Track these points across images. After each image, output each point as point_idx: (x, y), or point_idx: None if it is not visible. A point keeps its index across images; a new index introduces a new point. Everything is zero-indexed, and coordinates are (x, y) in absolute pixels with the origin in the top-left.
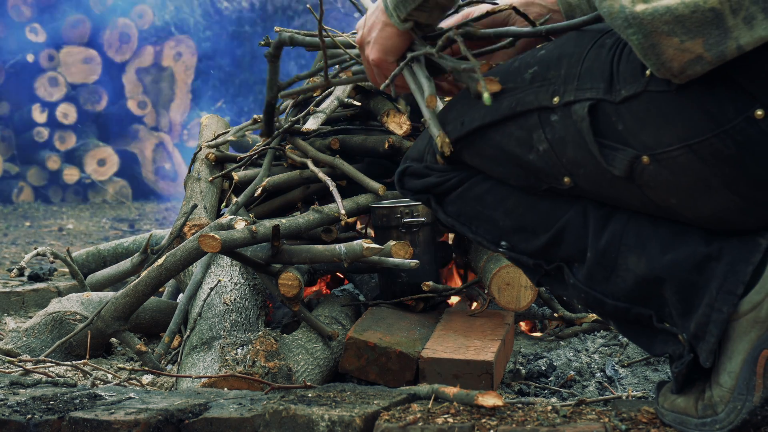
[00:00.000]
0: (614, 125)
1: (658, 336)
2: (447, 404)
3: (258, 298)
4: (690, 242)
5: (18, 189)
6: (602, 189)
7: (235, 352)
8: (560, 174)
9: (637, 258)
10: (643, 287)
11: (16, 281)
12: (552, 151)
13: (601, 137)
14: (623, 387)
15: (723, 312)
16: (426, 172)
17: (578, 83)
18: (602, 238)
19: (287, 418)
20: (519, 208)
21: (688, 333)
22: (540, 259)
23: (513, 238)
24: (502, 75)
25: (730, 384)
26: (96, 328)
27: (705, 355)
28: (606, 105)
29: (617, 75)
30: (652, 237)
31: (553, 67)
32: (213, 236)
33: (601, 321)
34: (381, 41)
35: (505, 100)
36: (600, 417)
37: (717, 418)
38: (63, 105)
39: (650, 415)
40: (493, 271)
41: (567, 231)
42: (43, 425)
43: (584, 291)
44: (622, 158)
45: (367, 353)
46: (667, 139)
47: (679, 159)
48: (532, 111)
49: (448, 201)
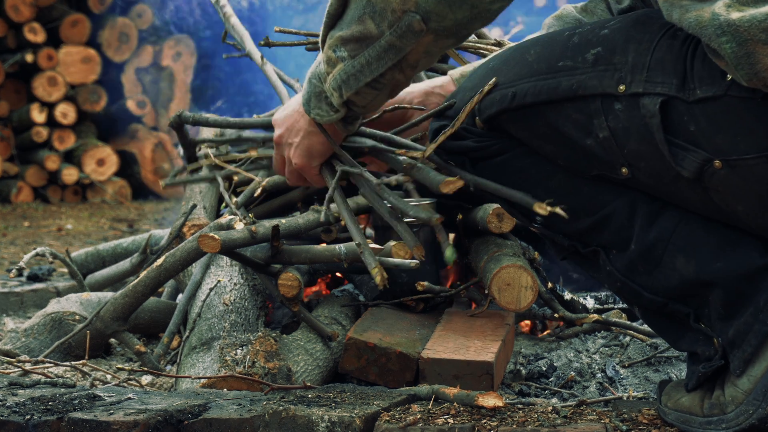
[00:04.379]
0: (686, 125)
1: (688, 333)
2: (447, 405)
3: (258, 298)
4: (745, 251)
5: (17, 189)
6: (662, 185)
7: (234, 353)
8: (618, 164)
9: (685, 260)
10: (688, 288)
11: (15, 281)
12: (613, 139)
13: (670, 135)
14: (624, 388)
15: (766, 324)
16: (462, 134)
17: (648, 75)
18: (650, 233)
19: (287, 419)
20: (563, 188)
21: (725, 338)
22: (577, 241)
23: (551, 217)
24: (559, 48)
25: (747, 387)
26: (95, 329)
27: (737, 362)
28: (678, 103)
29: (692, 72)
30: (704, 241)
31: (619, 52)
32: (212, 236)
33: (601, 322)
34: (307, 148)
35: (564, 78)
36: (601, 418)
37: (725, 417)
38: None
39: (651, 415)
40: (494, 271)
41: (612, 219)
42: (42, 426)
43: (621, 280)
44: (693, 159)
45: (367, 354)
46: (744, 146)
47: (755, 168)
48: (594, 96)
49: (485, 167)
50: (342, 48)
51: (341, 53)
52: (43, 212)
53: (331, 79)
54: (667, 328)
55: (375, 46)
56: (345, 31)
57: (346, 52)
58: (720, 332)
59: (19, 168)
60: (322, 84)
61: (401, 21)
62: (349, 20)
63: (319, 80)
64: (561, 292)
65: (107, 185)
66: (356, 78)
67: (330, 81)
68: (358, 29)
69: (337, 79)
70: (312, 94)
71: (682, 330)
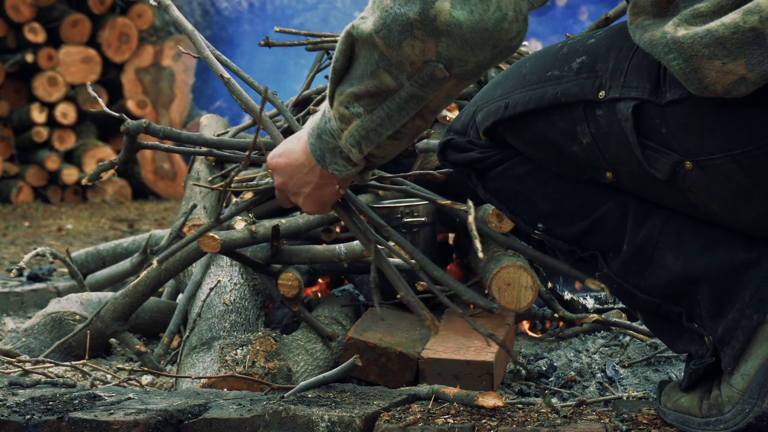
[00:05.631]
0: (658, 127)
1: (684, 334)
2: (447, 405)
3: (258, 298)
4: (730, 247)
5: (17, 189)
6: (644, 187)
7: (234, 353)
8: (602, 168)
9: (674, 257)
10: (677, 286)
11: (15, 281)
12: (595, 145)
13: (644, 138)
14: (624, 387)
15: (753, 320)
16: (468, 146)
17: (625, 80)
18: (640, 232)
19: (287, 419)
20: (558, 193)
21: (715, 336)
22: (575, 245)
23: (550, 222)
24: (550, 59)
25: (741, 386)
26: (95, 329)
27: (728, 359)
28: (650, 106)
29: (664, 77)
30: (691, 238)
31: (602, 59)
32: (212, 236)
33: (601, 322)
34: (318, 198)
35: (551, 87)
36: (600, 417)
37: (722, 417)
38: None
39: (651, 415)
40: (494, 271)
41: (604, 221)
42: (42, 426)
43: (617, 282)
44: (665, 162)
45: (367, 354)
46: (709, 147)
47: (722, 167)
48: (577, 103)
49: (489, 177)
50: (356, 104)
51: (355, 109)
52: (43, 212)
53: (347, 135)
54: (664, 330)
55: (394, 99)
56: (356, 87)
57: (361, 108)
58: (710, 330)
59: (19, 168)
60: (335, 140)
61: (422, 71)
62: (360, 75)
63: (332, 136)
64: (561, 292)
65: (107, 185)
66: (377, 132)
67: (346, 138)
68: (373, 84)
69: (355, 136)
70: (326, 150)
71: (677, 331)
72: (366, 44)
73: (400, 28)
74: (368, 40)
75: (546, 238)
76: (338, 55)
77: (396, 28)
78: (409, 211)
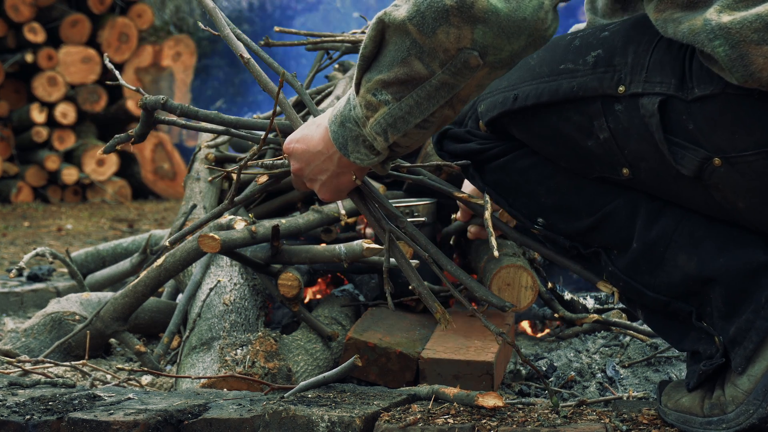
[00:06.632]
0: (685, 123)
1: (691, 333)
2: (447, 405)
3: (258, 298)
4: (748, 248)
5: (17, 189)
6: (663, 185)
7: (234, 353)
8: (619, 164)
9: (687, 256)
10: (690, 285)
11: (15, 281)
12: (613, 140)
13: (670, 134)
14: (624, 388)
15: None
16: (467, 137)
17: (647, 75)
18: (652, 231)
19: (287, 419)
20: (564, 188)
21: (726, 336)
22: (577, 241)
23: (552, 217)
24: (561, 51)
25: (747, 387)
26: (95, 329)
27: (739, 360)
28: (677, 102)
29: (690, 72)
30: (706, 238)
31: (619, 53)
32: (212, 236)
33: (601, 322)
34: (335, 186)
35: (565, 80)
36: (601, 417)
37: (725, 417)
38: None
39: (651, 415)
40: (494, 271)
41: (612, 218)
42: (42, 426)
43: (623, 280)
44: (692, 158)
45: (367, 354)
46: (742, 144)
47: (754, 164)
48: (595, 98)
49: (487, 169)
50: (384, 91)
51: (383, 96)
52: (43, 212)
53: (373, 123)
54: (669, 328)
55: (425, 86)
56: (385, 73)
57: (390, 95)
58: (721, 330)
59: (19, 168)
60: (359, 128)
61: (455, 59)
62: (390, 62)
63: (356, 124)
64: (561, 292)
65: (107, 185)
66: (404, 120)
67: (372, 125)
68: (403, 71)
69: (382, 123)
70: (348, 138)
71: (684, 329)
72: (398, 31)
73: (435, 14)
74: (400, 26)
75: (545, 233)
76: (367, 42)
77: (431, 15)
78: (409, 212)
